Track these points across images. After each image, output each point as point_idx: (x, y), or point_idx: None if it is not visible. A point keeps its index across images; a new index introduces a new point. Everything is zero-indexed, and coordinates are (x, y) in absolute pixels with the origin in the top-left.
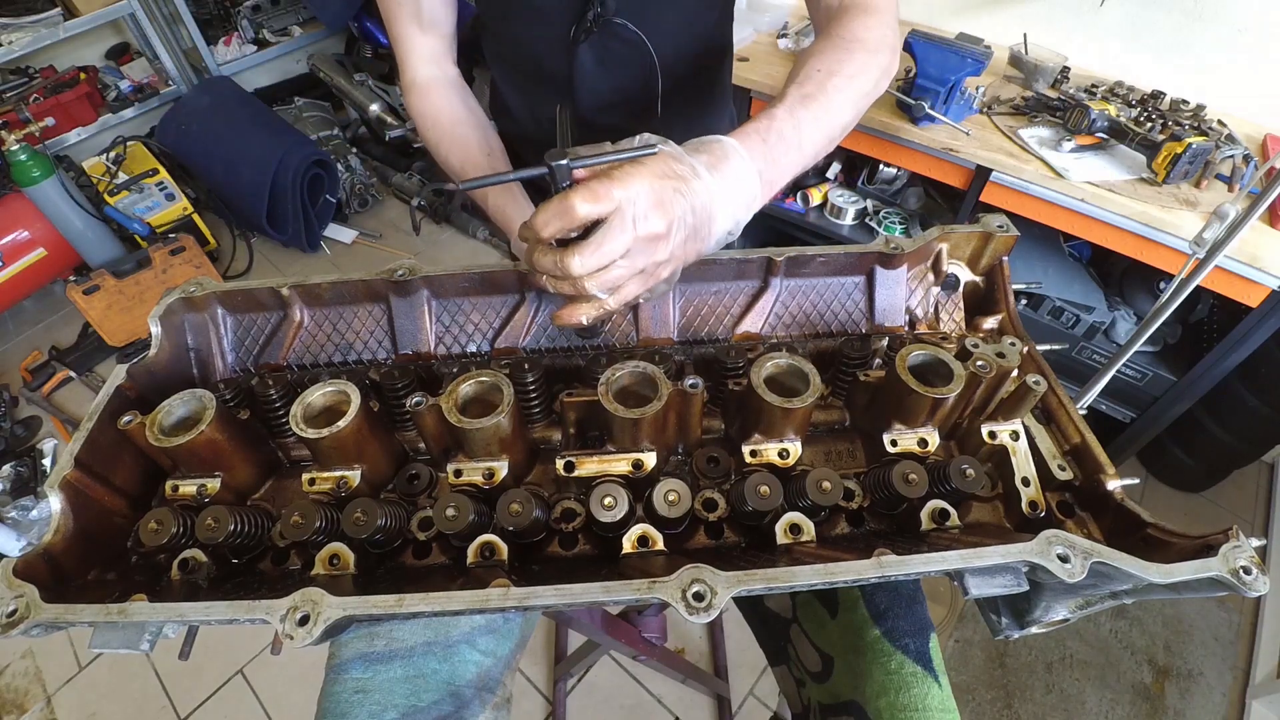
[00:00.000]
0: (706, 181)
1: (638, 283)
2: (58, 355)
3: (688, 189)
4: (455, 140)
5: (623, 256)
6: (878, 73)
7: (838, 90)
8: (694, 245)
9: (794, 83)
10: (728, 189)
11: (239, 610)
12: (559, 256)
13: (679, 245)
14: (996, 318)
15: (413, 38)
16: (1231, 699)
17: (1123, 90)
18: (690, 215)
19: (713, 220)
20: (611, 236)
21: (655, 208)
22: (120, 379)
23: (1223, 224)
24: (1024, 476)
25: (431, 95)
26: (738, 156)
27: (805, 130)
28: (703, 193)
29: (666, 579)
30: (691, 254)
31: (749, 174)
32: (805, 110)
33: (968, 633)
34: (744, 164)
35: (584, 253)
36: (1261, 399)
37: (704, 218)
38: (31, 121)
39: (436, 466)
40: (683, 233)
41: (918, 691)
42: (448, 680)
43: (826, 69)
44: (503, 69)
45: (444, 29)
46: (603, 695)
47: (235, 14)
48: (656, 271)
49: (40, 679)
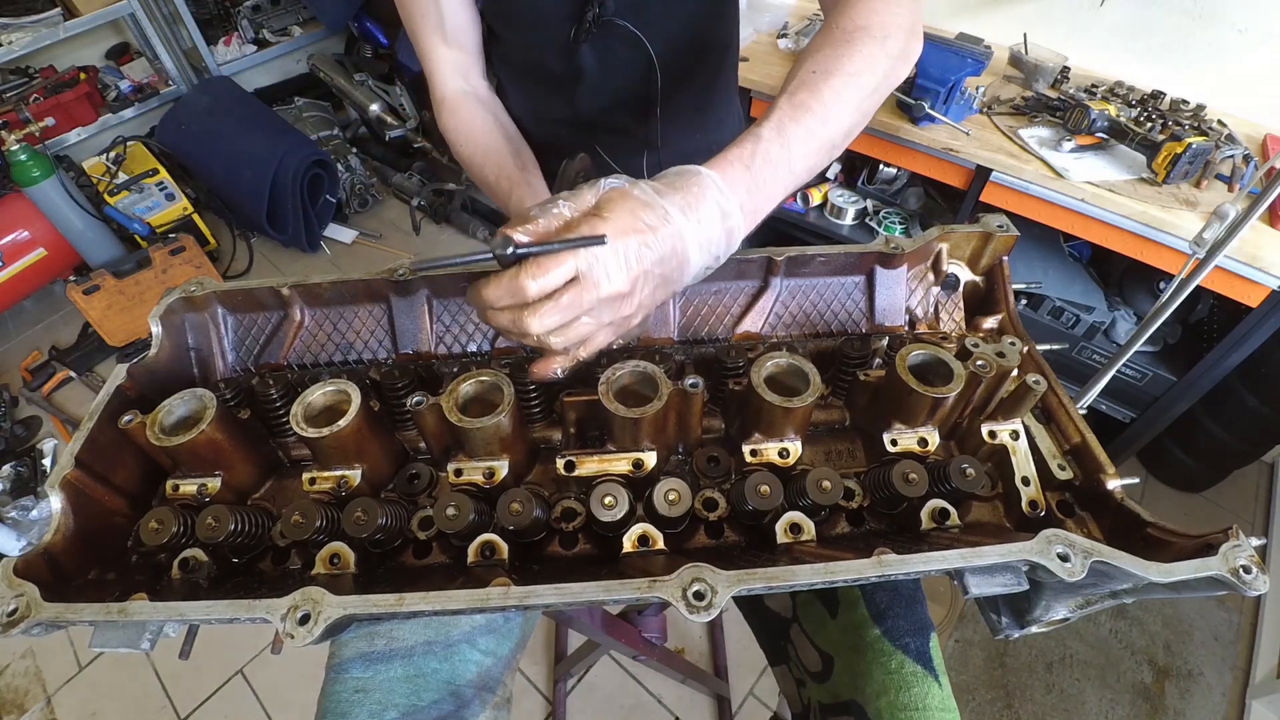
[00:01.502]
0: (678, 225)
1: (607, 334)
2: (58, 355)
3: (656, 239)
4: (489, 155)
5: (587, 313)
6: (888, 63)
7: (836, 93)
8: (664, 291)
9: (786, 91)
10: (703, 229)
11: (239, 609)
12: (515, 315)
13: (648, 296)
14: (996, 318)
15: (438, 50)
16: (1231, 699)
17: (1123, 90)
18: (659, 266)
19: (686, 264)
20: (570, 299)
21: (620, 269)
22: (120, 379)
23: (1223, 224)
24: (1024, 476)
25: (461, 111)
26: (715, 191)
27: (796, 148)
28: (673, 238)
29: (667, 578)
30: (662, 298)
31: (729, 209)
32: (796, 125)
33: (968, 633)
34: (722, 199)
35: (541, 314)
36: (1261, 399)
37: (675, 265)
38: (31, 121)
39: (437, 466)
40: (651, 285)
41: (918, 691)
42: (448, 680)
43: (823, 69)
44: (506, 71)
45: (470, 43)
46: (603, 695)
47: (235, 14)
48: (626, 323)
49: (40, 679)
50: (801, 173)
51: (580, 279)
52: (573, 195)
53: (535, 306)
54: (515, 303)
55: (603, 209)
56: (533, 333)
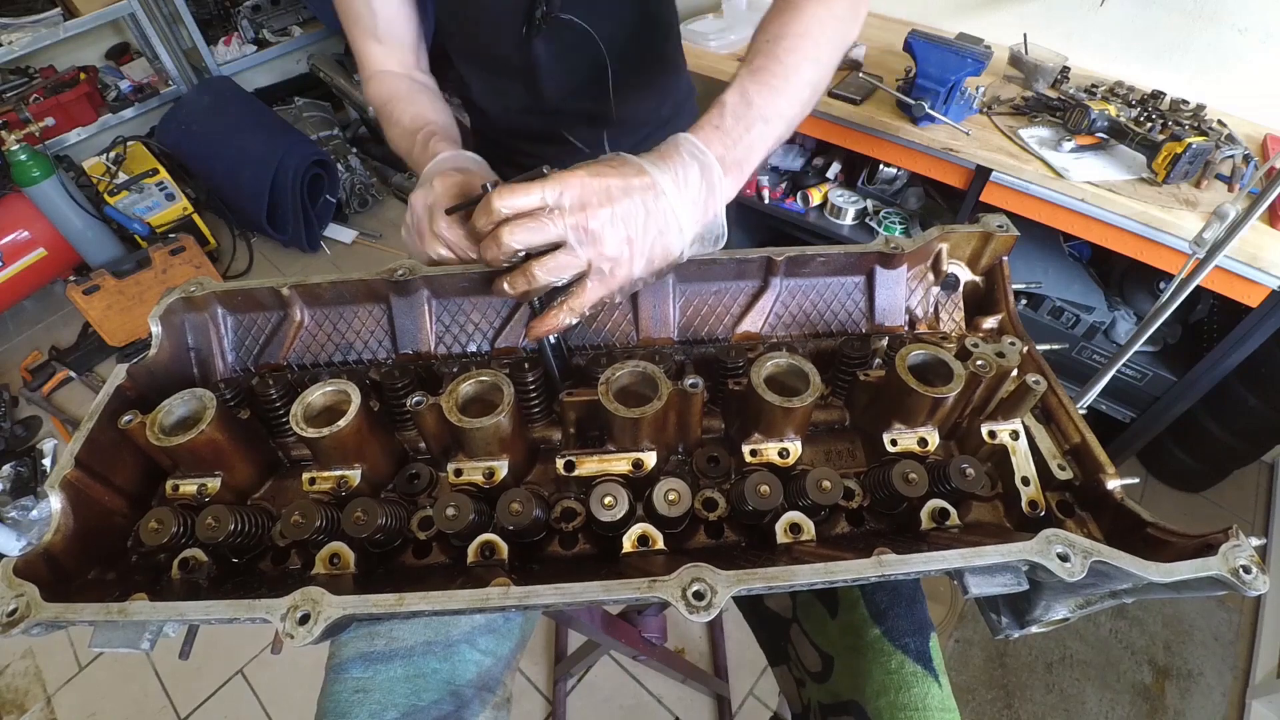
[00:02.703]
0: (651, 173)
1: (597, 285)
2: (58, 355)
3: (622, 178)
4: (410, 103)
5: (560, 239)
6: (834, 21)
7: (790, 52)
8: (659, 242)
9: (743, 61)
10: (679, 176)
11: (239, 609)
12: (495, 234)
13: (635, 240)
14: (996, 317)
15: (371, 51)
16: (1231, 699)
17: (1123, 90)
18: (640, 209)
19: (672, 212)
20: (538, 219)
21: (591, 194)
22: (120, 379)
23: (1223, 224)
24: (1024, 476)
25: (387, 80)
26: (688, 145)
27: (761, 102)
28: (642, 179)
29: (666, 578)
30: (659, 252)
31: (707, 161)
32: (756, 83)
33: (968, 633)
34: (697, 152)
35: (512, 227)
36: (1261, 399)
37: (658, 209)
38: (31, 121)
39: (436, 466)
40: (631, 226)
41: (918, 691)
42: (448, 680)
43: (773, 34)
44: (466, 64)
45: (404, 40)
46: (603, 695)
47: (235, 14)
48: (612, 267)
49: (40, 679)
50: (778, 125)
51: (546, 205)
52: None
53: (509, 224)
54: (490, 222)
55: (576, 168)
56: (506, 243)
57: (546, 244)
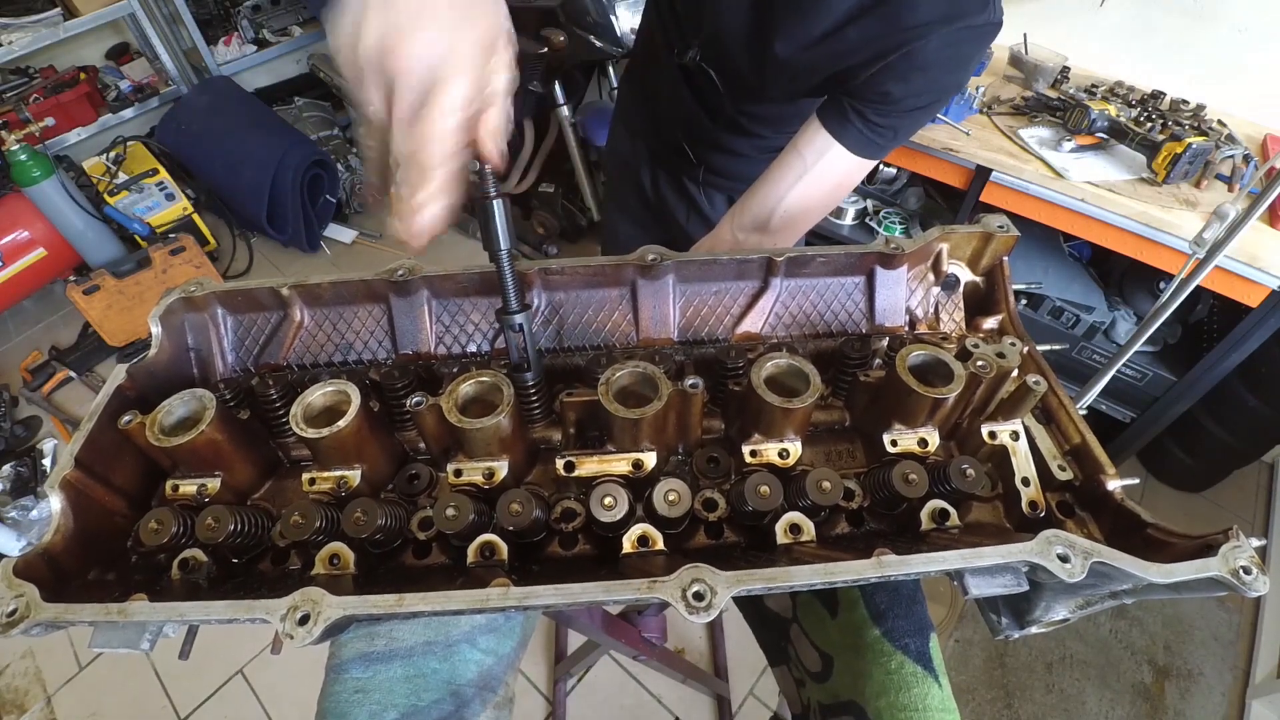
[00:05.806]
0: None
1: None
2: (58, 355)
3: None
4: None
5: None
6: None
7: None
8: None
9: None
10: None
11: (239, 610)
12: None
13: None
14: (996, 318)
15: None
16: (1231, 699)
17: (1123, 90)
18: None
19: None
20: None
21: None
22: (120, 379)
23: (1223, 224)
24: (1024, 476)
25: None
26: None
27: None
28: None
29: (666, 579)
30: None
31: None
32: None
33: (968, 633)
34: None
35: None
36: (1261, 399)
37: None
38: (31, 121)
39: (436, 466)
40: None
41: (918, 691)
42: (448, 680)
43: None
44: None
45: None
46: (603, 695)
47: (235, 14)
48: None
49: (40, 679)
50: None
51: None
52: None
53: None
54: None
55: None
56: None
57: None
